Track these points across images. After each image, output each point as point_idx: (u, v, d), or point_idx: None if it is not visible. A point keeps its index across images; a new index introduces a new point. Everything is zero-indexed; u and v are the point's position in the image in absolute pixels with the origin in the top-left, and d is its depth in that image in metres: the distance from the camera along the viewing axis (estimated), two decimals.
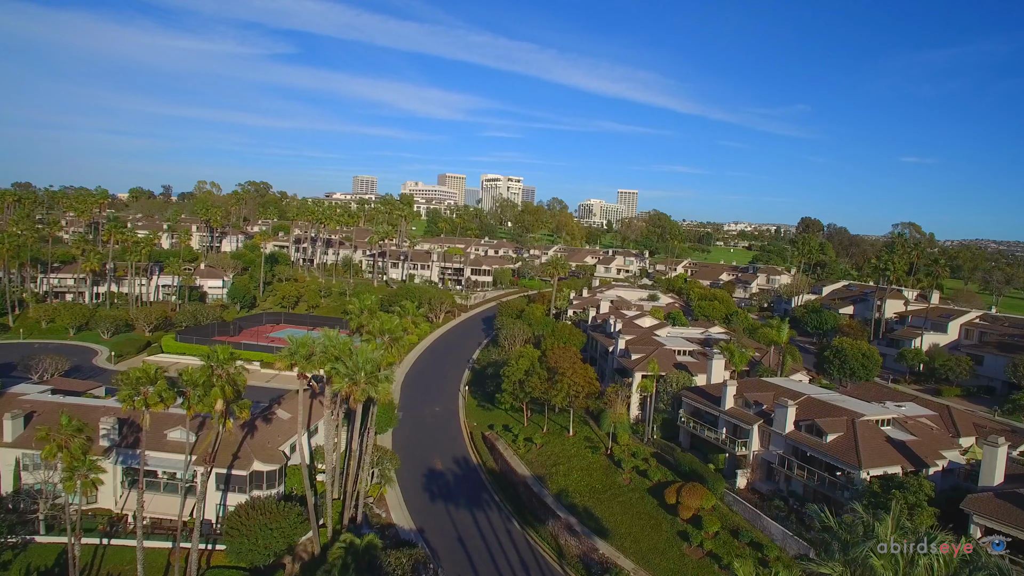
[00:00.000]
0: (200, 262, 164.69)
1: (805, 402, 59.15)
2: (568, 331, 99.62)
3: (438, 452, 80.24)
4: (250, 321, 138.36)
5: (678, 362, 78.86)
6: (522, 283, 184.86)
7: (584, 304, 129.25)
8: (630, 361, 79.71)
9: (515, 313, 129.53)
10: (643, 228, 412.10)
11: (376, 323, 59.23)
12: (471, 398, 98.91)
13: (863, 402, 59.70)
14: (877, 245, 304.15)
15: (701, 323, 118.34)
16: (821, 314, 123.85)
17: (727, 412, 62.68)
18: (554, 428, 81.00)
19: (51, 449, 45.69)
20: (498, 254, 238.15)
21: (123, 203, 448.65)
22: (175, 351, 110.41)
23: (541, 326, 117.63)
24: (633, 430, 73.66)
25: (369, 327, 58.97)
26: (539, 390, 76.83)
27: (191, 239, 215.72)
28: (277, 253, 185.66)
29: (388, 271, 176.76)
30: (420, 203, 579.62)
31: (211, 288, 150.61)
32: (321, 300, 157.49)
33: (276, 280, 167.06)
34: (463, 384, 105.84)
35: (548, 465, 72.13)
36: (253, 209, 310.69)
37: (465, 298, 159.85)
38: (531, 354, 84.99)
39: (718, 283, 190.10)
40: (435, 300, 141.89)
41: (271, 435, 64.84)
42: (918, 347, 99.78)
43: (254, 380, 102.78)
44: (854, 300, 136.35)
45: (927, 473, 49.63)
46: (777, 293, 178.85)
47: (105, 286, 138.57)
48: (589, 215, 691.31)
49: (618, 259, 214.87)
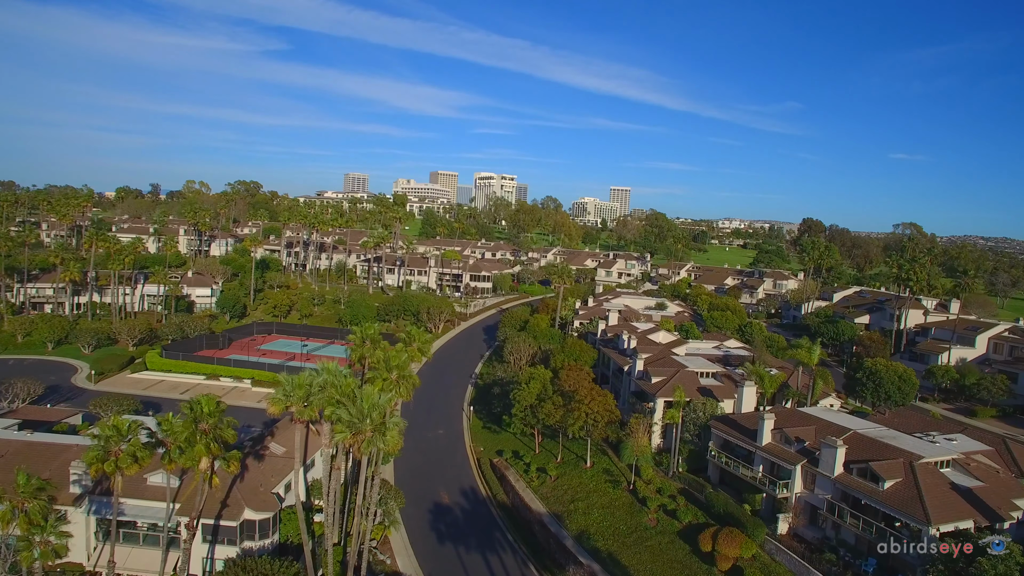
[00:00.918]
0: (188, 268, 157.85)
1: (852, 439, 53.84)
2: (579, 348, 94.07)
3: (444, 483, 74.56)
4: (240, 332, 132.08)
5: (702, 386, 73.44)
6: (522, 289, 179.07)
7: (591, 314, 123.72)
8: (650, 385, 74.23)
9: (519, 324, 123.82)
10: (640, 227, 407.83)
11: (380, 355, 53.17)
12: (476, 418, 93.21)
13: (916, 439, 54.44)
14: (877, 244, 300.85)
15: (714, 335, 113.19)
16: (837, 324, 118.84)
17: (764, 448, 57.30)
18: (569, 457, 75.43)
19: (5, 514, 39.44)
20: (495, 257, 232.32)
21: (110, 202, 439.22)
22: (160, 368, 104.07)
23: (547, 339, 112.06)
24: (656, 462, 68.21)
25: (372, 360, 52.89)
26: (554, 418, 71.30)
27: (178, 243, 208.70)
28: (268, 258, 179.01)
29: (384, 277, 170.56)
30: (413, 201, 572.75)
31: (199, 297, 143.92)
32: (314, 308, 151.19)
33: (267, 287, 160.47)
34: (466, 403, 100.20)
35: (565, 501, 66.56)
36: (243, 210, 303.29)
37: (464, 306, 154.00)
38: (542, 376, 79.42)
39: (723, 288, 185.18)
40: (434, 309, 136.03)
41: (263, 475, 58.86)
42: (947, 364, 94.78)
43: (245, 400, 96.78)
44: (869, 308, 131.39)
45: (1002, 528, 44.45)
46: (784, 299, 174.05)
47: (87, 296, 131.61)
48: (583, 213, 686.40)
49: (619, 262, 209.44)
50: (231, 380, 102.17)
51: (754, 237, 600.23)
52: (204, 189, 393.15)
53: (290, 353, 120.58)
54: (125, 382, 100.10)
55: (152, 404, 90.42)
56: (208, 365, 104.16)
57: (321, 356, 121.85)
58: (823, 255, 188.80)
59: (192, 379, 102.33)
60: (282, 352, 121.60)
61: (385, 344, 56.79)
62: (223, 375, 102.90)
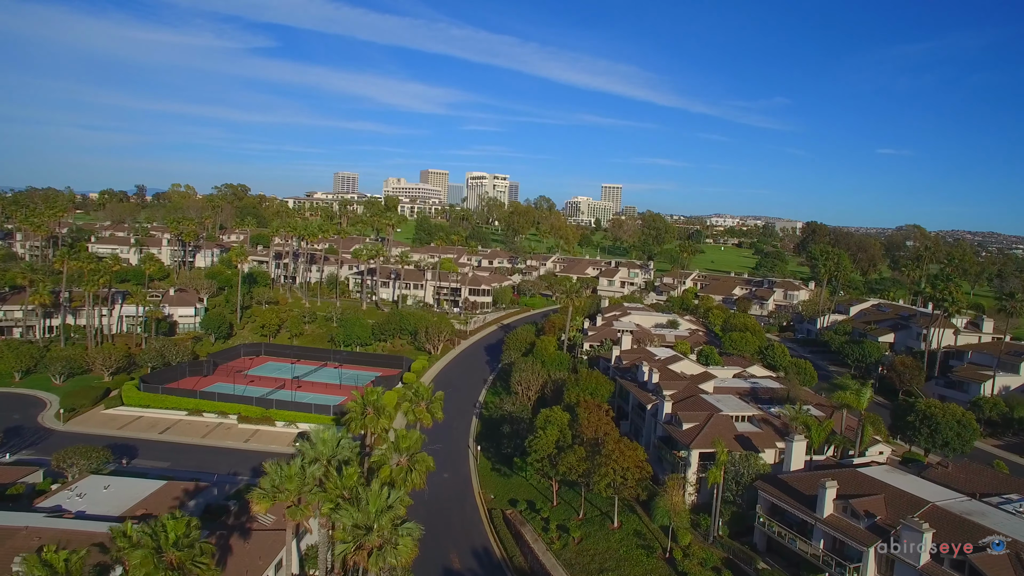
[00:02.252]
0: (171, 283, 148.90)
1: (932, 514, 46.58)
2: (594, 381, 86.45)
3: (452, 540, 66.79)
4: (226, 355, 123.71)
5: (739, 433, 66.09)
6: (523, 302, 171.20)
7: (600, 335, 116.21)
8: (681, 433, 66.77)
9: (523, 347, 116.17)
10: (636, 229, 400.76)
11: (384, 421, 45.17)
12: (484, 458, 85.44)
13: (1008, 514, 47.20)
14: (878, 246, 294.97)
15: (734, 359, 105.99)
16: (863, 345, 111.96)
17: (826, 521, 49.96)
18: (592, 513, 67.85)
19: None
20: (492, 264, 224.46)
21: (94, 203, 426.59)
22: (137, 403, 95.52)
23: (556, 365, 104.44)
24: (692, 522, 60.79)
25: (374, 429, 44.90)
26: (577, 472, 63.76)
27: (161, 253, 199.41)
28: (256, 271, 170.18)
29: (378, 290, 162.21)
30: (404, 202, 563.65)
31: (182, 317, 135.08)
32: (305, 327, 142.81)
33: (255, 303, 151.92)
34: (472, 438, 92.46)
35: (593, 571, 58.93)
36: (230, 215, 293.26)
37: (464, 323, 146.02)
38: (559, 419, 71.81)
39: (731, 298, 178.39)
40: (432, 329, 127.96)
41: (250, 556, 50.75)
42: (994, 395, 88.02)
43: (230, 440, 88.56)
44: (892, 325, 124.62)
45: None
46: (796, 310, 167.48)
47: (59, 318, 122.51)
48: (577, 213, 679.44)
49: (621, 271, 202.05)
50: (215, 416, 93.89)
51: (748, 236, 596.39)
52: (190, 192, 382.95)
53: (279, 380, 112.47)
54: (98, 420, 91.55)
55: (127, 448, 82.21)
56: (190, 399, 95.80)
57: (312, 383, 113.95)
58: (836, 266, 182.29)
59: (173, 415, 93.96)
60: (271, 379, 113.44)
61: (389, 408, 48.56)
62: (206, 410, 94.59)
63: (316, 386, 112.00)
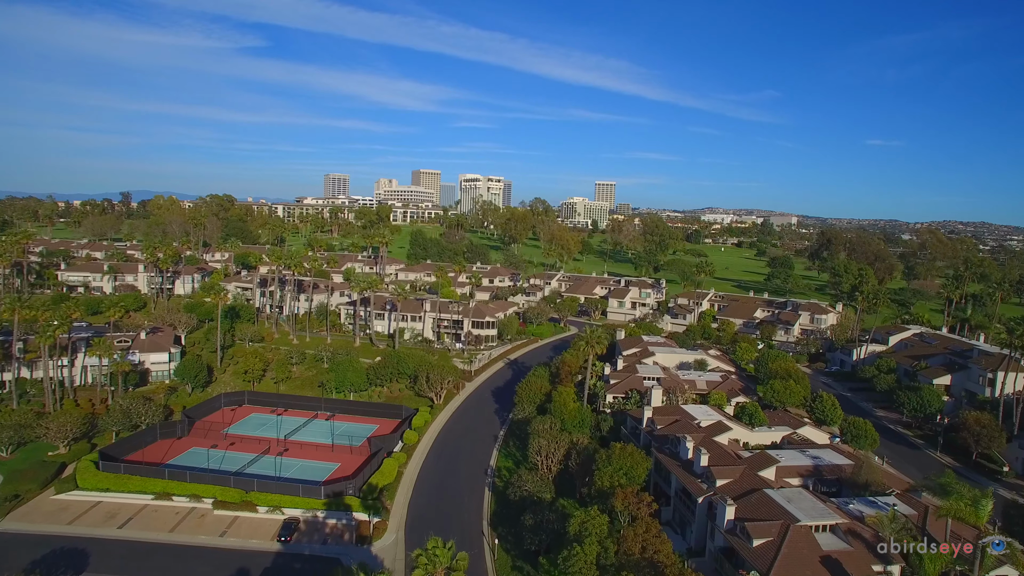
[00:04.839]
0: (143, 327, 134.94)
1: None
2: (629, 459, 73.49)
3: None
4: (204, 408, 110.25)
5: (825, 554, 53.41)
6: (531, 331, 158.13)
7: (624, 386, 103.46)
8: (752, 553, 54.09)
9: (538, 397, 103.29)
10: (635, 232, 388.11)
11: None
12: (501, 549, 72.39)
13: None
14: (884, 250, 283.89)
15: (779, 415, 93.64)
16: (920, 392, 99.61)
17: None
18: None
19: None
20: (493, 283, 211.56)
21: (77, 211, 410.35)
22: (95, 487, 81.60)
23: (577, 424, 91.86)
24: None
25: None
26: None
27: (137, 280, 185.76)
28: (239, 303, 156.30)
29: (372, 323, 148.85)
30: (396, 207, 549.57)
31: (155, 364, 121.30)
32: (292, 368, 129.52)
33: (238, 341, 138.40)
34: (486, 520, 79.41)
35: None
36: (215, 230, 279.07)
37: (467, 361, 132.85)
38: (598, 527, 59.23)
39: (752, 321, 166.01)
40: (434, 374, 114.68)
41: None
42: None
43: (203, 533, 74.61)
44: (946, 363, 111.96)
45: None
46: (825, 336, 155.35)
47: (11, 372, 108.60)
48: (572, 214, 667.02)
49: (632, 290, 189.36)
50: (186, 499, 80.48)
51: (747, 235, 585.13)
52: (173, 203, 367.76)
53: (264, 442, 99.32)
54: (46, 511, 77.75)
55: (75, 554, 68.56)
56: (157, 480, 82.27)
57: (301, 442, 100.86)
58: (861, 281, 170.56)
59: (136, 500, 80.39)
60: (253, 439, 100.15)
61: None
62: (176, 493, 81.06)
63: (305, 447, 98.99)
